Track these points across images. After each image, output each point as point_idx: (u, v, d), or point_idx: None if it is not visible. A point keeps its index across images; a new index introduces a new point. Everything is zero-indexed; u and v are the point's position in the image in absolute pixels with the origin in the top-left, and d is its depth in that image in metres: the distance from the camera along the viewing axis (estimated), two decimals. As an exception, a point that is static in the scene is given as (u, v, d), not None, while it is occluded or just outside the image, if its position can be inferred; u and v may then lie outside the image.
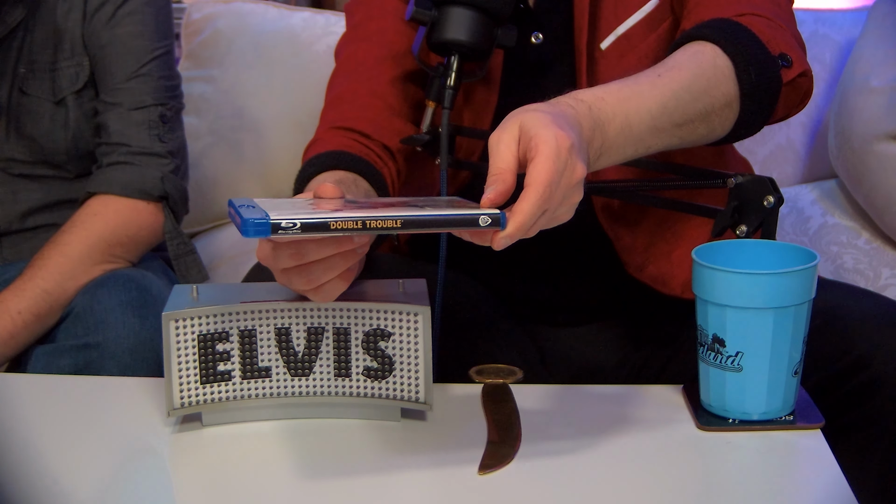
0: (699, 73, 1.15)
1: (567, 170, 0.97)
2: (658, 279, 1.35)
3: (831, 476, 1.02)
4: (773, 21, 1.22)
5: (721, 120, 1.17)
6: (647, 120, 1.10)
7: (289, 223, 0.92)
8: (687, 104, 1.13)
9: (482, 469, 1.03)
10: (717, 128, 1.18)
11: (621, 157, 1.10)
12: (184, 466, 1.08)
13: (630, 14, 1.31)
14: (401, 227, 0.94)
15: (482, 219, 0.95)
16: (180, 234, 1.64)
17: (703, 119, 1.15)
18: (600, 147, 1.06)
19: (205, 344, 1.09)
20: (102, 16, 1.61)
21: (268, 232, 0.91)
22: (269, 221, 0.92)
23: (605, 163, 1.09)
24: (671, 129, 1.12)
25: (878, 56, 1.87)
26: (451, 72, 1.24)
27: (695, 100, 1.14)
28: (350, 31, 1.41)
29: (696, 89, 1.14)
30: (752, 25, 1.20)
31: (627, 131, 1.08)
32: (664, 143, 1.13)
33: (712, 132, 1.18)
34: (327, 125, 1.34)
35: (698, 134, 1.16)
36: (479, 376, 1.20)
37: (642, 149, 1.12)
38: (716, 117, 1.16)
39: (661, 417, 1.13)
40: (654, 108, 1.10)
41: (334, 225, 0.93)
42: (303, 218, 0.92)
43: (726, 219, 1.18)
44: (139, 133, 1.61)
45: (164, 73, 1.65)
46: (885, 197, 1.84)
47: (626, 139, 1.08)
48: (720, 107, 1.16)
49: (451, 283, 1.29)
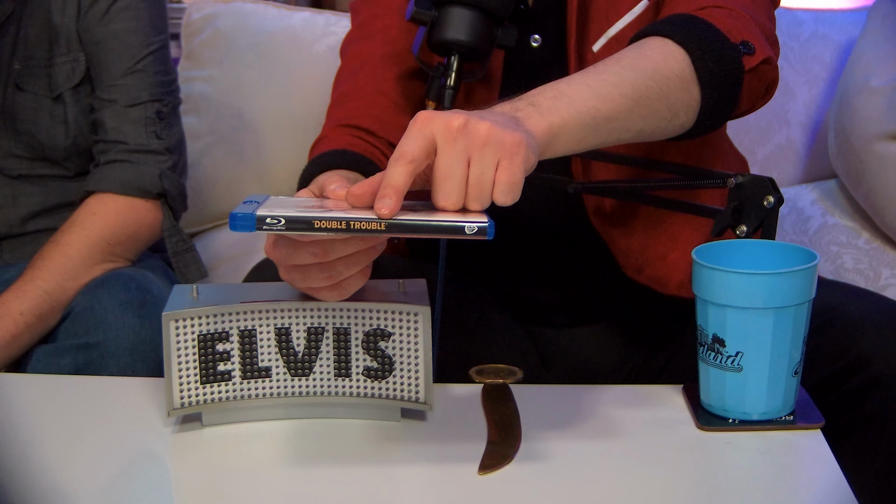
0: (643, 54, 1.15)
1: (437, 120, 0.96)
2: (656, 281, 1.35)
3: (831, 476, 1.02)
4: (735, 11, 1.21)
5: (683, 105, 1.15)
6: (584, 88, 1.07)
7: (273, 220, 0.93)
8: (636, 79, 1.11)
9: (482, 469, 1.03)
10: (679, 112, 1.15)
11: (577, 124, 1.06)
12: (184, 466, 1.08)
13: (621, 16, 1.31)
14: (385, 230, 0.94)
15: (468, 227, 0.95)
16: (179, 232, 1.64)
17: (661, 98, 1.13)
18: (531, 109, 1.03)
19: (205, 344, 1.09)
20: (97, 11, 1.61)
21: (252, 227, 0.93)
22: (254, 216, 0.93)
23: (568, 134, 1.05)
24: (621, 100, 1.09)
25: (878, 56, 1.87)
26: (451, 72, 1.24)
27: (643, 76, 1.12)
28: (355, 29, 1.41)
29: (642, 67, 1.13)
30: (710, 17, 1.19)
31: (565, 98, 1.05)
32: (622, 115, 1.10)
33: (675, 116, 1.15)
34: (334, 123, 1.35)
35: (660, 115, 1.14)
36: (479, 376, 1.20)
37: (602, 120, 1.08)
38: (676, 101, 1.14)
39: (661, 417, 1.13)
40: (590, 79, 1.09)
41: (318, 224, 0.94)
42: (287, 215, 0.93)
43: (726, 219, 1.18)
44: (136, 130, 1.61)
45: (160, 69, 1.65)
46: (885, 197, 1.84)
47: (568, 105, 1.05)
48: (676, 89, 1.14)
49: (451, 283, 1.29)
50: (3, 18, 1.60)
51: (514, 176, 0.96)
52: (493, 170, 0.96)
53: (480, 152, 0.96)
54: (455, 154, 0.96)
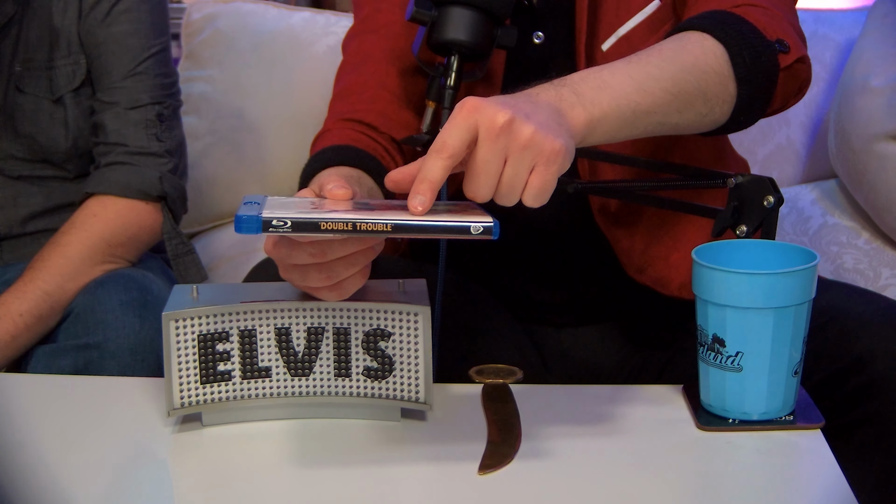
0: (684, 48, 1.16)
1: (483, 113, 0.97)
2: (657, 282, 1.35)
3: (831, 476, 1.02)
4: (769, 10, 1.22)
5: (719, 101, 1.17)
6: (627, 80, 1.09)
7: (279, 222, 0.93)
8: (676, 73, 1.12)
9: (482, 469, 1.03)
10: (715, 107, 1.17)
11: (616, 118, 1.07)
12: (184, 466, 1.08)
13: (632, 15, 1.31)
14: (391, 232, 0.95)
15: (474, 227, 0.95)
16: (179, 234, 1.64)
17: (699, 93, 1.14)
18: (574, 98, 1.04)
19: (205, 344, 1.09)
20: (98, 13, 1.61)
21: (258, 229, 0.93)
22: (260, 219, 0.93)
23: (606, 127, 1.06)
24: (661, 95, 1.10)
25: (878, 56, 1.87)
26: (451, 72, 1.24)
27: (683, 70, 1.13)
28: (358, 23, 1.41)
29: (682, 61, 1.14)
30: (747, 15, 1.20)
31: (608, 90, 1.07)
32: (661, 109, 1.11)
33: (711, 111, 1.16)
34: (336, 116, 1.34)
35: (697, 110, 1.15)
36: (479, 376, 1.20)
37: (641, 114, 1.09)
38: (713, 96, 1.16)
39: (661, 417, 1.13)
40: (632, 70, 1.10)
41: (324, 226, 0.94)
42: (293, 217, 0.93)
43: (726, 219, 1.18)
44: (136, 132, 1.61)
45: (161, 71, 1.64)
46: (885, 197, 1.84)
47: (610, 98, 1.06)
48: (714, 84, 1.15)
49: (452, 284, 1.29)
50: (4, 21, 1.60)
51: (546, 183, 0.98)
52: (527, 173, 0.98)
53: (519, 154, 0.97)
54: (495, 151, 0.97)
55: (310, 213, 0.94)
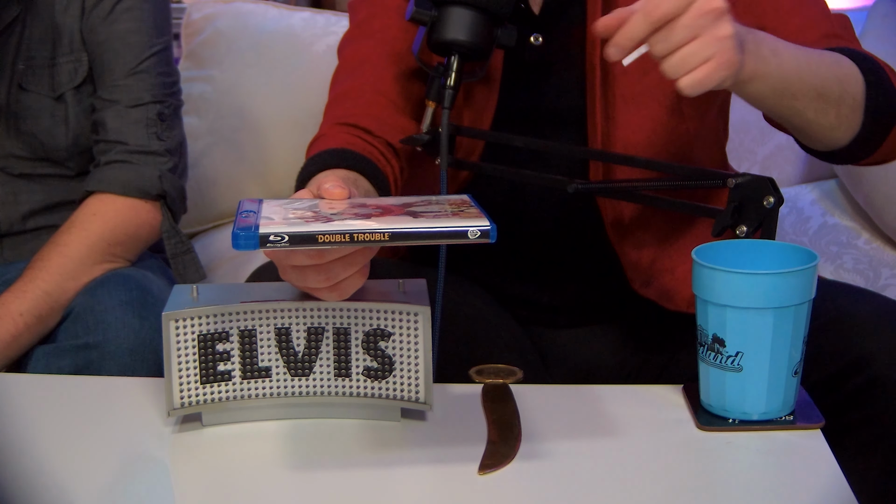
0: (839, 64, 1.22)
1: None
2: (663, 295, 1.35)
3: (831, 476, 1.02)
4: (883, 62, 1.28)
5: (846, 122, 1.22)
6: (793, 60, 1.15)
7: (277, 237, 0.93)
8: (828, 78, 1.19)
9: (482, 469, 1.03)
10: (841, 126, 1.22)
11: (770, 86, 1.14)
12: (184, 466, 1.08)
13: None
14: (388, 240, 0.95)
15: (471, 231, 0.95)
16: (178, 233, 1.64)
17: (836, 106, 1.20)
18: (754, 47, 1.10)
19: (205, 344, 1.09)
20: (100, 11, 1.61)
21: (256, 245, 0.93)
22: (257, 235, 0.93)
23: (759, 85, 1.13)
24: (810, 89, 1.17)
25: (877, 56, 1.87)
26: (450, 72, 1.24)
27: (833, 80, 1.20)
28: (353, 28, 1.41)
29: (835, 72, 1.21)
30: (877, 58, 1.26)
31: (778, 58, 1.13)
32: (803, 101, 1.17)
33: (836, 128, 1.22)
34: (332, 121, 1.34)
35: (828, 119, 1.20)
36: (479, 376, 1.20)
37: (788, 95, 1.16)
38: (844, 115, 1.21)
39: (661, 417, 1.13)
40: (800, 56, 1.16)
41: (322, 238, 0.94)
42: (291, 231, 0.93)
43: (726, 219, 1.18)
44: (137, 131, 1.61)
45: (162, 70, 1.64)
46: (885, 197, 1.84)
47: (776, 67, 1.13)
48: (848, 106, 1.21)
49: (451, 284, 1.29)
50: (8, 20, 1.60)
51: (709, 77, 1.04)
52: (703, 59, 1.04)
53: (707, 41, 1.03)
54: (694, 25, 1.03)
55: (307, 227, 0.94)
